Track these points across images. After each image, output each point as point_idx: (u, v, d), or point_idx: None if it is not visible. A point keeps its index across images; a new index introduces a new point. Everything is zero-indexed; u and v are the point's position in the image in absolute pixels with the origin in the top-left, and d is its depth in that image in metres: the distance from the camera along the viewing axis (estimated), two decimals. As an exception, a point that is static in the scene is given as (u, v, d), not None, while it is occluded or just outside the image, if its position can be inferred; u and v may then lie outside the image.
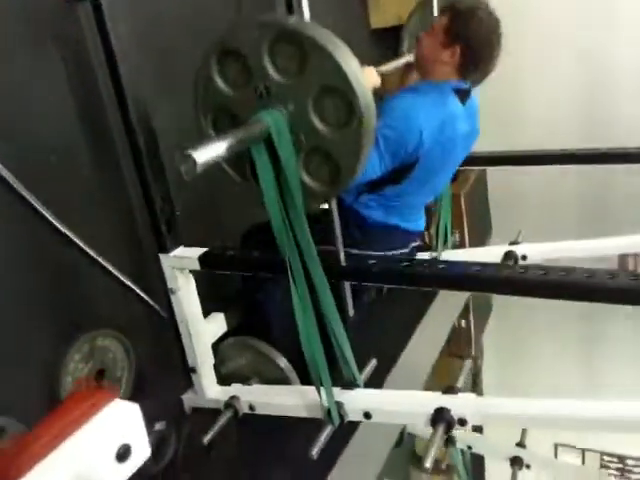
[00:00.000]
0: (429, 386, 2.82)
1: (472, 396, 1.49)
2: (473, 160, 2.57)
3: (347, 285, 1.92)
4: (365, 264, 1.40)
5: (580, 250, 2.23)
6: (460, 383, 1.80)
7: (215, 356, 1.98)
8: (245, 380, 1.99)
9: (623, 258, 3.70)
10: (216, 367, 1.98)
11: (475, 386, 4.11)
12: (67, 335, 1.58)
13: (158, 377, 1.93)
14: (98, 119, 1.66)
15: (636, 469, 4.30)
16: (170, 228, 1.73)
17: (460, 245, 3.26)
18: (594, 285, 1.17)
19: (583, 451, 4.43)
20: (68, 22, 1.54)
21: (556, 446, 4.49)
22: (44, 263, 1.54)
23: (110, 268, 1.68)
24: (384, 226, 1.93)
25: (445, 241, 2.46)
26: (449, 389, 1.55)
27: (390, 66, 2.00)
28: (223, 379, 2.01)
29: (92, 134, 1.64)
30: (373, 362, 1.82)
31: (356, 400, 1.61)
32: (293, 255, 1.33)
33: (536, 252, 2.28)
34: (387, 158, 1.71)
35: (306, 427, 1.68)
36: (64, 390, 1.55)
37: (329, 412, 1.58)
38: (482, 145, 2.14)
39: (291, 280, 1.36)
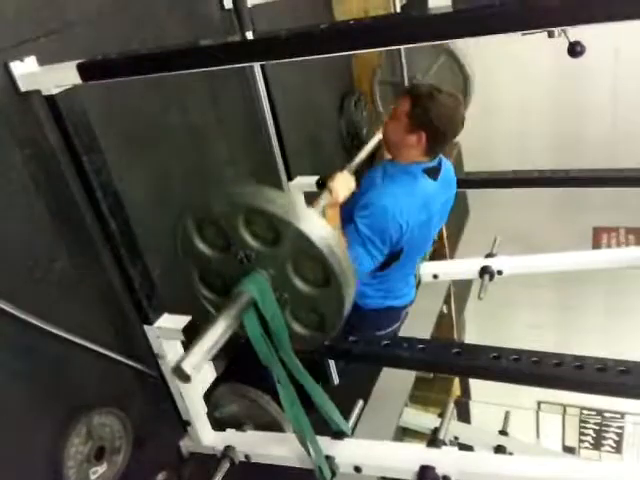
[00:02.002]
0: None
1: (455, 451, 1.58)
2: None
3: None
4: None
5: (554, 265, 2.29)
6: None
7: (208, 402, 2.04)
8: (239, 424, 2.07)
9: (597, 232, 3.80)
10: (210, 412, 2.05)
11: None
12: (65, 423, 1.62)
13: (155, 430, 1.99)
14: (69, 214, 1.64)
15: (613, 422, 4.58)
16: (151, 302, 1.75)
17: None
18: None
19: (564, 407, 4.68)
20: (24, 117, 1.49)
21: (539, 403, 4.74)
22: (35, 363, 1.56)
23: (98, 348, 1.70)
24: (380, 309, 2.04)
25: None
26: (432, 442, 1.65)
27: (361, 156, 2.01)
28: (218, 423, 2.08)
29: (64, 229, 1.62)
30: (360, 404, 1.89)
31: (346, 453, 1.69)
32: (279, 370, 1.35)
33: (511, 266, 2.33)
34: (377, 254, 1.78)
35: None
36: (68, 475, 1.61)
37: (320, 470, 1.65)
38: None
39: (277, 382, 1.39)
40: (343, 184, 1.79)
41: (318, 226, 1.11)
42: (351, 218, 1.80)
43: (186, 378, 1.08)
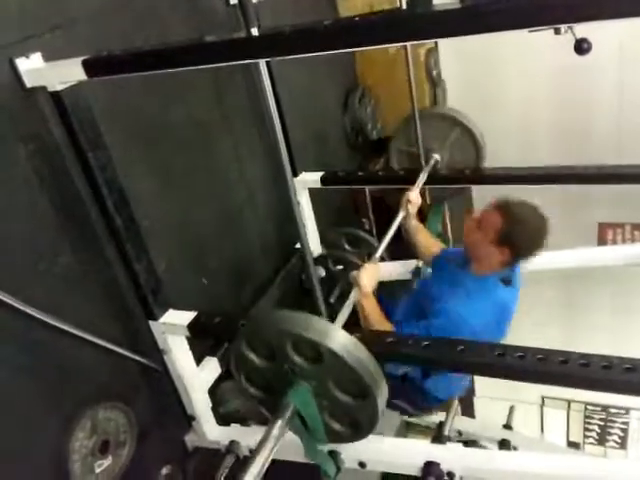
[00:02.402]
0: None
1: (460, 447, 1.58)
2: (457, 179, 2.59)
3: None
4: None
5: (559, 261, 2.28)
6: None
7: (213, 397, 2.05)
8: (244, 419, 2.08)
9: (603, 229, 3.78)
10: (215, 407, 2.06)
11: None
12: (70, 417, 1.63)
13: (160, 424, 2.00)
14: (74, 209, 1.64)
15: (618, 418, 4.57)
16: (156, 297, 1.76)
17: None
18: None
19: (569, 402, 4.67)
20: (30, 113, 1.49)
21: (543, 398, 4.72)
22: (41, 357, 1.57)
23: (103, 343, 1.70)
24: (445, 400, 2.11)
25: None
26: (437, 438, 1.65)
27: (384, 244, 2.05)
28: (222, 418, 2.09)
29: (69, 224, 1.62)
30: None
31: (351, 449, 1.69)
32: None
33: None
34: None
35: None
36: (73, 468, 1.62)
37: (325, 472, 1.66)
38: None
39: None
40: (369, 276, 1.84)
41: (356, 350, 1.22)
42: (422, 313, 1.87)
43: None
